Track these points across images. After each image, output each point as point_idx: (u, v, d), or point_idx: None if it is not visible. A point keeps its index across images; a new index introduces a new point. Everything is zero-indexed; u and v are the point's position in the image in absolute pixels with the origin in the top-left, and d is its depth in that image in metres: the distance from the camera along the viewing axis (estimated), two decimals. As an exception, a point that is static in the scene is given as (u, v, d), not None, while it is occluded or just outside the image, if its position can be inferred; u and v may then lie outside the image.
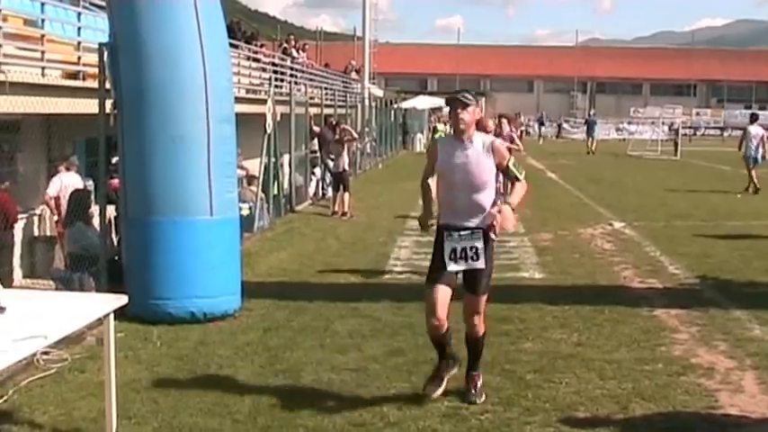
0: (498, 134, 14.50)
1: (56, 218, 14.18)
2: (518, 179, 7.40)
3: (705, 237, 17.35)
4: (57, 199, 14.03)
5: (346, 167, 21.78)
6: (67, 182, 13.96)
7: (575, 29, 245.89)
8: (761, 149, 27.72)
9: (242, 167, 19.28)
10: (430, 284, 7.46)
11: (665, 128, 63.66)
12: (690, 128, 79.02)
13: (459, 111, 7.37)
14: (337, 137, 22.66)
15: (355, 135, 22.92)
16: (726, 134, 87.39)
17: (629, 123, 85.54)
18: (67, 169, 14.41)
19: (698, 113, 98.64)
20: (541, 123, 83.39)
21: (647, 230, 18.20)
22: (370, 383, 7.98)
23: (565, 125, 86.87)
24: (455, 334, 7.76)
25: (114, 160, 11.98)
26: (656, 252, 15.50)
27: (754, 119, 29.36)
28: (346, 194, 21.20)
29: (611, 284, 12.79)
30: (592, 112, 70.30)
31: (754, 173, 27.72)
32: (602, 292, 12.04)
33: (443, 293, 7.37)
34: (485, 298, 7.45)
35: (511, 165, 7.36)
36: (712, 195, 26.61)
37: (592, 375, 8.27)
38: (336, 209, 21.13)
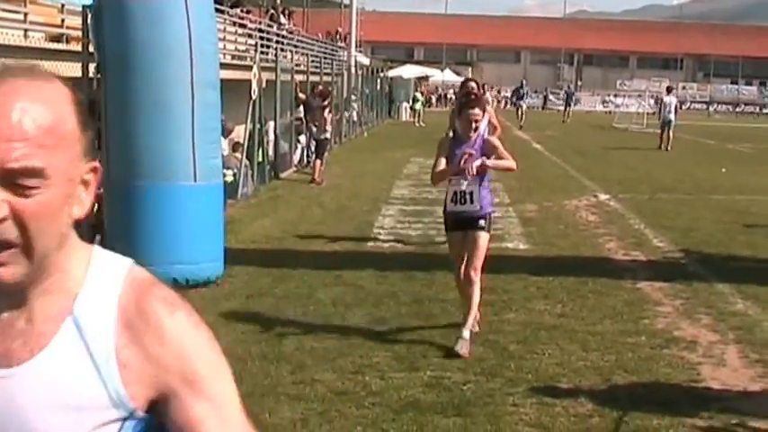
0: None
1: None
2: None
3: (690, 210, 17.38)
4: None
5: (322, 135, 21.87)
6: None
7: (562, 0, 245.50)
8: (672, 114, 35.09)
9: (229, 131, 19.18)
10: None
11: (651, 101, 63.69)
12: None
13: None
14: (324, 103, 22.63)
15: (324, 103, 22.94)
16: (711, 108, 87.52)
17: (616, 96, 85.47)
18: None
19: (684, 87, 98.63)
20: (519, 97, 54.53)
21: (632, 203, 18.21)
22: (353, 352, 7.95)
23: (551, 96, 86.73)
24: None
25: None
26: (641, 225, 15.50)
27: (669, 90, 38.73)
28: (317, 161, 21.31)
29: (596, 256, 12.78)
30: (579, 84, 70.48)
31: (671, 134, 34.71)
32: (587, 264, 12.04)
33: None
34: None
35: None
36: (697, 169, 26.65)
37: (575, 347, 8.28)
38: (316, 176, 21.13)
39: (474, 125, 8.20)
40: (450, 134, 8.95)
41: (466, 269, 8.23)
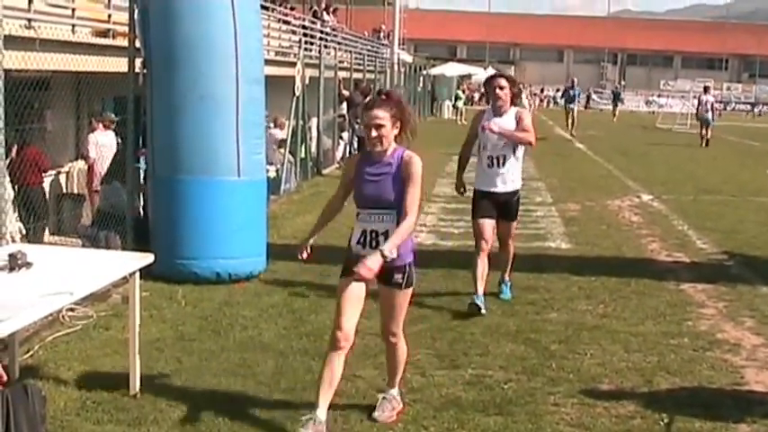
0: None
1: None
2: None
3: (734, 212, 17.25)
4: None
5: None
6: (103, 141, 13.95)
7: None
8: (709, 113, 37.08)
9: (281, 125, 19.35)
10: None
11: (696, 101, 63.39)
12: (720, 102, 78.41)
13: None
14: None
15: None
16: (756, 110, 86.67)
17: (659, 96, 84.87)
18: (105, 127, 14.37)
19: (729, 88, 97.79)
20: (569, 99, 41.23)
21: (676, 204, 18.09)
22: (394, 349, 7.96)
23: (594, 96, 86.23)
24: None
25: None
26: (684, 226, 15.39)
27: (706, 90, 39.82)
28: None
29: (638, 257, 12.71)
30: (622, 84, 70.19)
31: (709, 131, 36.63)
32: (629, 265, 11.98)
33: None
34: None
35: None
36: (741, 171, 26.42)
37: (617, 348, 8.24)
38: None
39: (374, 133, 5.98)
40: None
41: (383, 334, 6.40)
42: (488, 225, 9.40)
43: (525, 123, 9.32)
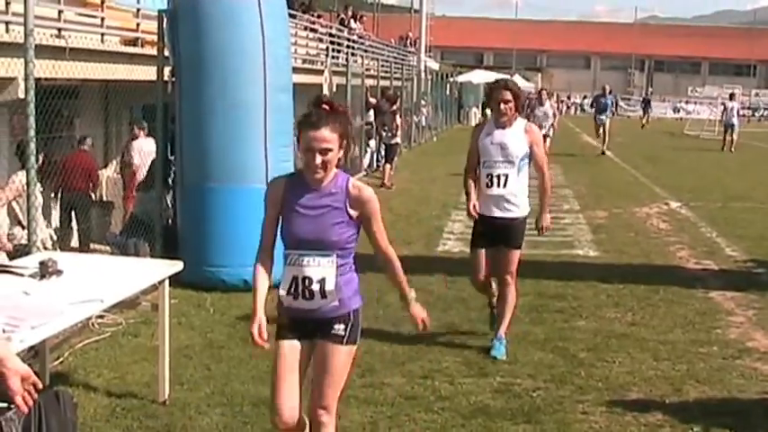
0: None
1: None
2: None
3: (763, 219, 17.13)
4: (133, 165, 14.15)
5: (392, 140, 22.12)
6: (146, 148, 14.06)
7: (633, 5, 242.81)
8: (735, 119, 38.16)
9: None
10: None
11: (722, 107, 63.08)
12: (748, 109, 77.87)
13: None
14: (394, 108, 22.77)
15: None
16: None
17: (687, 102, 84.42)
18: (148, 134, 14.50)
19: (757, 94, 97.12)
20: (600, 110, 34.99)
21: (704, 211, 17.99)
22: (422, 357, 7.97)
23: (621, 103, 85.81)
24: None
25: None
26: (713, 233, 15.31)
27: (732, 96, 41.33)
28: (387, 165, 21.48)
29: (667, 264, 12.65)
30: (650, 90, 70.01)
31: (734, 137, 37.56)
32: (657, 272, 11.93)
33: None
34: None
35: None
36: (771, 177, 26.25)
37: (646, 356, 8.20)
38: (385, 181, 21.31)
39: (318, 160, 4.69)
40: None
41: (311, 407, 4.93)
42: (484, 256, 8.19)
43: (539, 156, 8.08)
